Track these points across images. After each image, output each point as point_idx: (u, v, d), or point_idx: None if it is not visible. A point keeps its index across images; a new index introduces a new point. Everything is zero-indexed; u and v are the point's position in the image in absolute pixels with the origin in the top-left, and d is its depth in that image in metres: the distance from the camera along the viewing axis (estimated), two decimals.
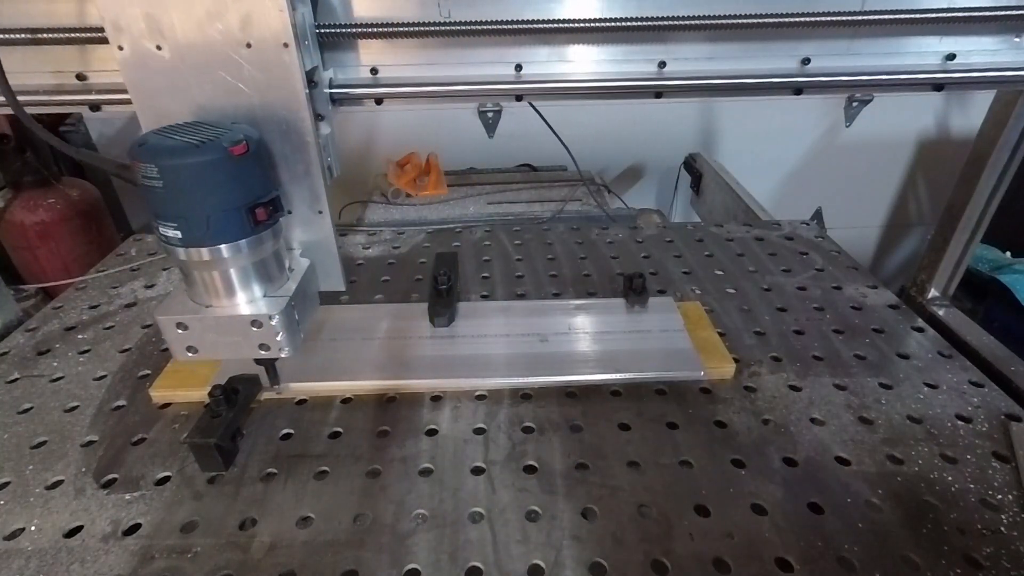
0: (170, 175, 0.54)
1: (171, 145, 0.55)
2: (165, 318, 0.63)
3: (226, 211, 0.58)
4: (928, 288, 1.04)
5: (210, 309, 0.63)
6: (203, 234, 0.57)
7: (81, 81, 0.72)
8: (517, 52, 0.73)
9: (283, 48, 0.60)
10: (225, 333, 0.64)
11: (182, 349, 0.65)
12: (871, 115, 0.80)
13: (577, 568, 0.57)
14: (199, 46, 0.60)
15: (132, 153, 0.55)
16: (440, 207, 1.67)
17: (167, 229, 0.57)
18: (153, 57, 0.60)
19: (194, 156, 0.54)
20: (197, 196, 0.56)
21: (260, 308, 0.63)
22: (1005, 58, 0.74)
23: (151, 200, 0.56)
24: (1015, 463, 0.68)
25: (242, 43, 0.60)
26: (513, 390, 0.80)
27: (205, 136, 0.56)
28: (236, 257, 0.60)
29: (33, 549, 0.59)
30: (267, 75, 0.61)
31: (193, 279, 0.63)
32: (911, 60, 0.75)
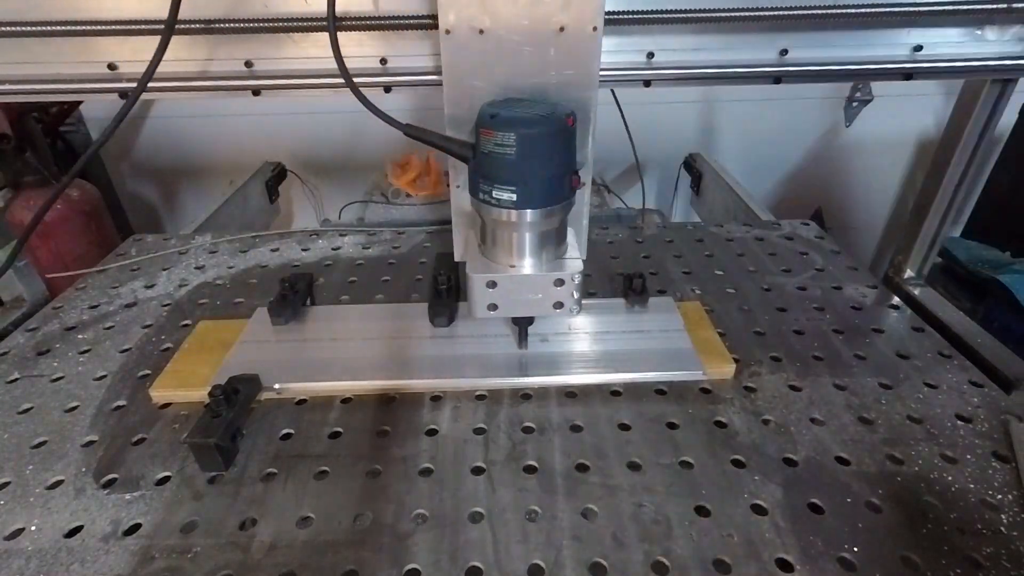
0: (525, 143, 0.61)
1: (524, 116, 0.62)
2: (478, 276, 0.69)
3: (557, 176, 0.65)
4: (904, 268, 1.10)
5: (514, 268, 0.70)
6: (536, 197, 0.65)
7: (112, 71, 0.78)
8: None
9: (592, 32, 0.67)
10: (529, 291, 0.71)
11: (483, 307, 0.72)
12: (871, 115, 0.82)
13: (577, 568, 0.57)
14: (518, 29, 0.67)
15: (485, 124, 0.63)
16: (440, 207, 1.67)
17: (502, 193, 0.64)
18: (474, 39, 0.67)
19: (545, 125, 0.62)
20: (542, 162, 0.64)
21: (565, 267, 0.70)
22: (968, 49, 0.80)
23: (494, 167, 0.64)
24: (1015, 463, 0.68)
25: (556, 27, 0.66)
26: (513, 390, 0.80)
27: (543, 109, 0.64)
28: (552, 219, 0.68)
29: (33, 549, 0.59)
30: (571, 57, 0.68)
31: (502, 241, 0.70)
32: (882, 51, 0.80)
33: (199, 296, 1.03)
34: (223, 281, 1.08)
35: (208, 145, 2.06)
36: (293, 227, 1.35)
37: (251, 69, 0.78)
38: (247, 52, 0.77)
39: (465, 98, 0.70)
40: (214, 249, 1.20)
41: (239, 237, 1.24)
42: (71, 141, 1.98)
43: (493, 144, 0.62)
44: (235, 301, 1.02)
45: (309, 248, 1.20)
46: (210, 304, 1.01)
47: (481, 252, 0.73)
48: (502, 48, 0.67)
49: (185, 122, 2.04)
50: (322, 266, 1.13)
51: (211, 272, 1.11)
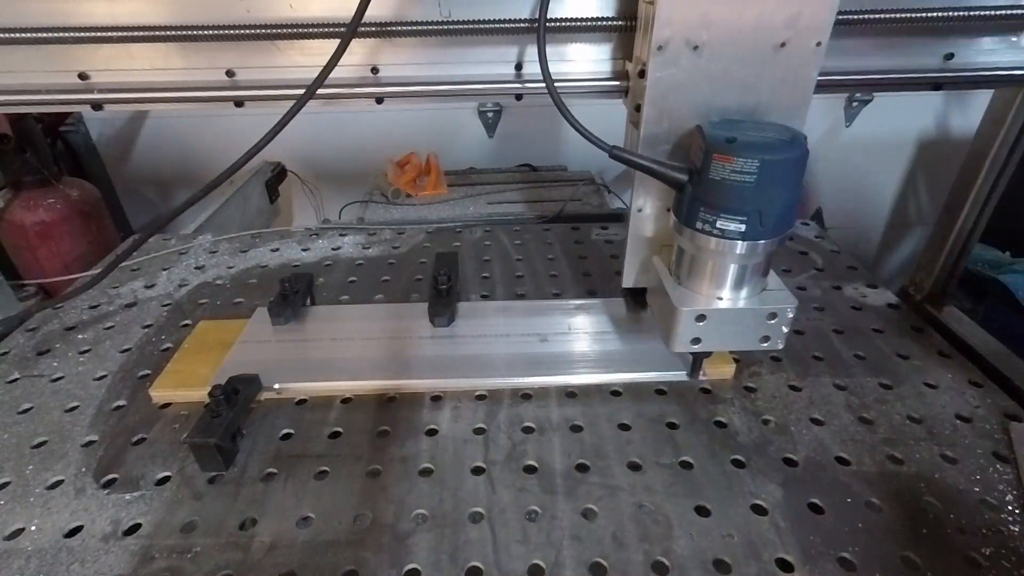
0: (769, 169, 0.56)
1: (767, 141, 0.57)
2: (688, 309, 0.65)
3: (790, 205, 0.60)
4: (926, 287, 1.04)
5: (721, 301, 0.66)
6: (767, 228, 0.60)
7: (83, 80, 0.73)
8: (517, 52, 0.74)
9: (815, 48, 0.61)
10: (738, 325, 0.67)
11: (687, 341, 0.67)
12: (871, 115, 0.80)
13: (577, 568, 0.57)
14: (736, 45, 0.62)
15: (722, 149, 0.57)
16: (440, 207, 1.67)
17: (729, 223, 0.59)
18: (687, 56, 0.62)
19: (790, 152, 0.57)
20: (783, 191, 0.58)
21: (778, 301, 0.66)
22: (1003, 57, 0.75)
23: (726, 195, 0.58)
24: (1015, 463, 0.68)
25: (778, 43, 0.61)
26: (513, 390, 0.80)
27: (780, 133, 0.59)
28: (772, 252, 0.63)
29: (33, 549, 0.59)
30: (786, 74, 0.63)
31: (712, 272, 0.65)
32: (910, 60, 0.75)
33: (199, 296, 1.03)
34: (223, 281, 1.08)
35: (208, 145, 2.05)
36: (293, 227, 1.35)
37: (233, 79, 0.74)
38: (228, 61, 0.73)
39: (665, 117, 0.66)
40: (214, 249, 1.20)
41: (239, 235, 1.24)
42: (71, 141, 1.98)
43: (729, 171, 0.57)
44: (235, 301, 1.02)
45: (309, 248, 1.20)
46: (210, 304, 1.01)
47: (678, 282, 0.68)
48: (713, 65, 0.63)
49: (185, 122, 2.04)
50: (322, 266, 1.13)
51: (211, 272, 1.11)
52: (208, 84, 0.74)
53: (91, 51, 0.71)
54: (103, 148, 2.08)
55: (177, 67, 0.73)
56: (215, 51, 0.72)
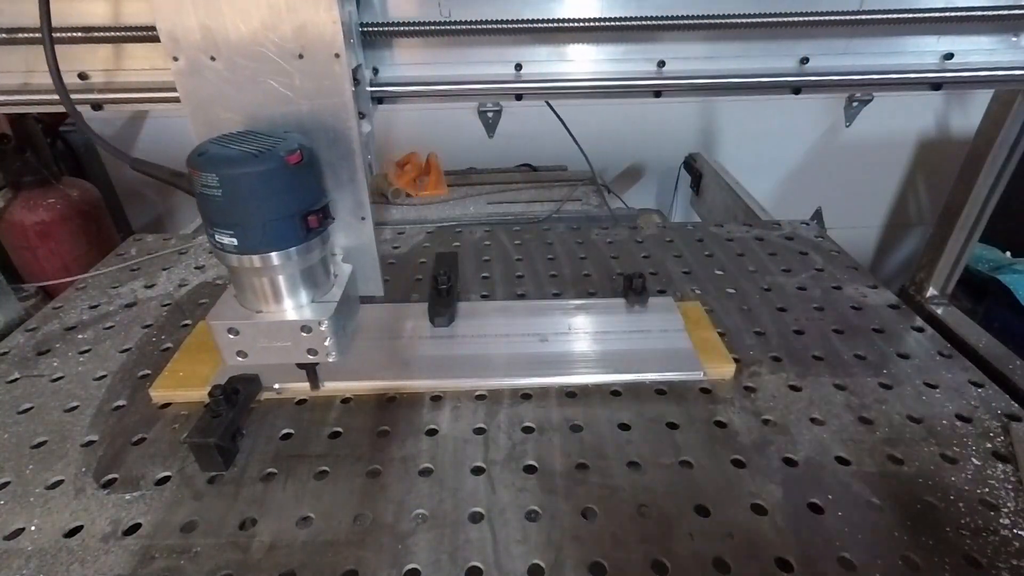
0: (229, 184, 0.55)
1: (230, 155, 0.56)
2: (217, 323, 0.64)
3: (281, 219, 0.59)
4: (927, 287, 1.04)
5: (260, 315, 0.65)
6: (258, 241, 0.59)
7: (83, 80, 0.73)
8: (517, 52, 0.73)
9: (334, 59, 0.61)
10: (275, 338, 0.66)
11: (232, 353, 0.66)
12: (871, 115, 0.80)
13: (577, 568, 0.57)
14: (252, 56, 0.61)
15: (191, 162, 0.57)
16: (440, 207, 1.67)
17: (223, 236, 0.58)
18: (207, 68, 0.61)
19: (252, 165, 0.55)
20: (254, 204, 0.57)
21: (310, 314, 0.65)
22: (1003, 57, 0.74)
23: (208, 208, 0.58)
24: (1015, 463, 0.68)
25: (295, 54, 0.61)
26: (513, 390, 0.80)
27: (262, 145, 0.57)
28: (288, 264, 0.61)
29: (33, 549, 0.59)
30: (317, 84, 0.62)
31: (244, 285, 0.64)
32: (909, 59, 0.75)
33: (199, 296, 1.03)
34: (223, 281, 1.08)
35: None
36: None
37: None
38: None
39: (214, 129, 0.64)
40: None
41: None
42: (71, 141, 1.98)
43: (201, 184, 0.56)
44: None
45: None
46: (210, 304, 1.01)
47: (233, 295, 0.67)
48: (240, 75, 0.61)
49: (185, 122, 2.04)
50: None
51: (211, 272, 1.11)
52: None
53: (91, 51, 0.71)
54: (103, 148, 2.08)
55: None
56: None
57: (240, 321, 0.64)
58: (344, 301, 0.68)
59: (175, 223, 2.28)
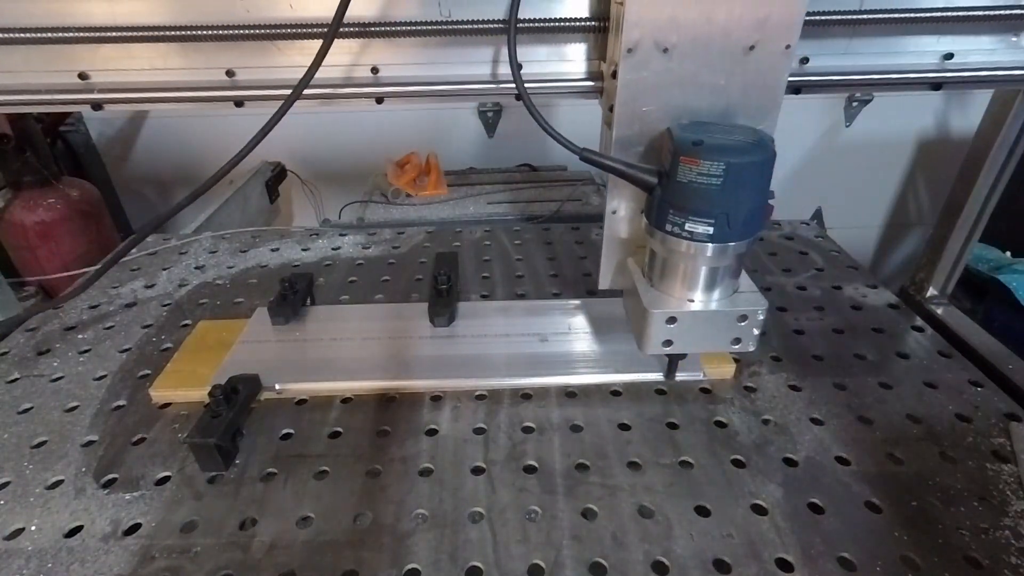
0: (735, 172, 0.56)
1: (734, 144, 0.58)
2: (659, 311, 0.65)
3: (758, 208, 0.60)
4: (927, 287, 1.04)
5: (693, 303, 0.66)
6: (735, 230, 0.60)
7: (83, 80, 0.73)
8: (517, 52, 0.73)
9: (784, 51, 0.61)
10: (709, 327, 0.67)
11: (658, 343, 0.67)
12: (871, 115, 0.80)
13: (577, 568, 0.57)
14: (705, 47, 0.61)
15: (689, 151, 0.57)
16: (440, 207, 1.67)
17: (697, 225, 0.59)
18: (657, 58, 0.62)
19: (756, 155, 0.57)
20: (749, 193, 0.59)
21: (749, 303, 0.66)
22: (1003, 57, 0.74)
23: (692, 197, 0.59)
24: (1015, 463, 0.68)
25: (747, 45, 0.61)
26: (513, 390, 0.80)
27: (746, 136, 0.59)
28: (743, 253, 0.63)
29: (33, 549, 0.59)
30: (755, 77, 0.63)
31: (683, 274, 0.65)
32: (909, 59, 0.75)
33: (199, 296, 1.03)
34: (223, 281, 1.08)
35: (208, 145, 2.06)
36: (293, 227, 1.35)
37: (233, 79, 0.74)
38: (228, 61, 0.73)
39: (636, 119, 0.65)
40: (214, 249, 1.20)
41: (239, 232, 1.24)
42: (71, 141, 1.98)
43: (696, 173, 0.57)
44: (235, 301, 1.02)
45: (309, 248, 1.20)
46: (210, 304, 1.01)
47: (651, 284, 0.68)
48: (684, 68, 0.62)
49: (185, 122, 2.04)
50: (322, 266, 1.13)
51: (211, 272, 1.11)
52: (208, 84, 0.74)
53: (91, 51, 0.71)
54: (103, 148, 2.08)
55: (177, 67, 0.73)
56: (215, 51, 0.72)
57: (679, 310, 0.65)
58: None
59: (175, 223, 2.28)
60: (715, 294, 0.66)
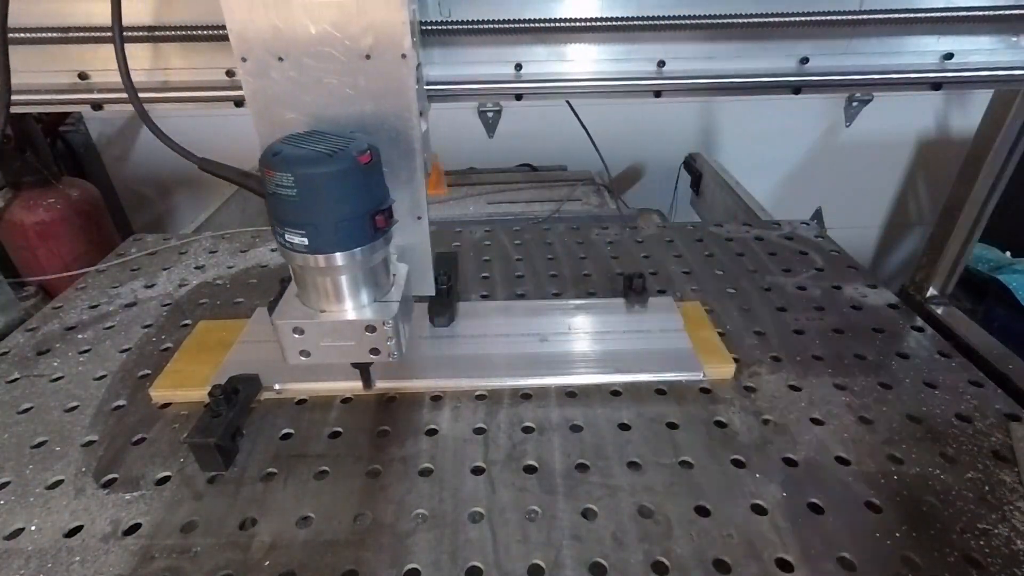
0: (305, 184, 0.55)
1: (305, 155, 0.57)
2: (283, 322, 0.64)
3: (352, 219, 0.59)
4: (927, 287, 1.04)
5: (324, 314, 0.65)
6: (329, 241, 0.59)
7: (83, 80, 0.73)
8: (517, 52, 0.73)
9: (401, 59, 0.61)
10: (339, 338, 0.66)
11: (295, 353, 0.66)
12: (871, 115, 0.80)
13: (577, 568, 0.57)
14: (319, 57, 0.61)
15: (266, 162, 0.57)
16: (440, 207, 1.67)
17: (294, 236, 0.59)
18: (275, 68, 0.61)
19: (327, 165, 0.56)
20: (328, 204, 0.57)
21: (374, 313, 0.65)
22: (1003, 57, 0.75)
23: (280, 208, 0.58)
24: (1015, 463, 0.68)
25: (362, 54, 0.61)
26: (513, 390, 0.79)
27: (333, 146, 0.58)
28: (354, 263, 0.62)
29: (33, 549, 0.59)
30: (382, 85, 0.62)
31: (309, 285, 0.64)
32: (909, 59, 0.75)
33: (199, 296, 1.03)
34: (223, 281, 1.08)
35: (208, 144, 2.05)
36: None
37: (233, 79, 0.74)
38: (228, 61, 0.73)
39: (277, 129, 0.64)
40: (214, 249, 1.20)
41: (239, 232, 1.24)
42: (71, 141, 1.98)
43: (275, 184, 0.56)
44: (235, 301, 1.02)
45: None
46: (210, 304, 1.01)
47: (296, 295, 0.67)
48: (306, 76, 0.62)
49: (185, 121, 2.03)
50: None
51: (211, 272, 1.11)
52: (208, 84, 0.74)
53: (91, 51, 0.71)
54: (103, 148, 2.08)
55: (177, 67, 0.73)
56: (215, 51, 0.72)
57: (305, 321, 0.64)
58: (404, 301, 0.68)
59: (175, 223, 2.28)
60: (350, 304, 0.65)
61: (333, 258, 0.60)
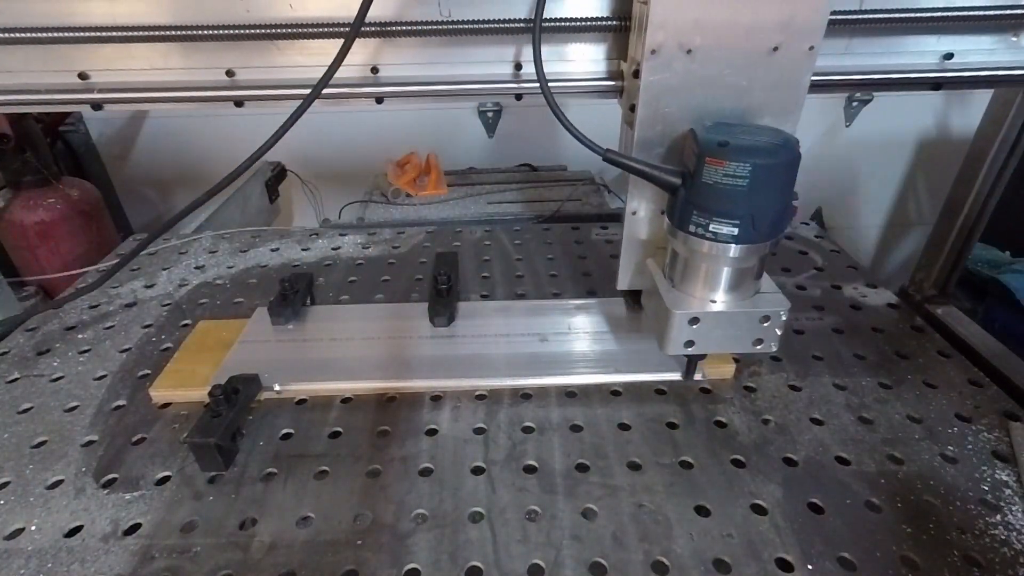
0: (761, 174, 0.56)
1: (760, 145, 0.57)
2: (681, 312, 0.65)
3: (783, 208, 0.60)
4: (927, 287, 1.04)
5: (714, 304, 0.65)
6: (761, 231, 0.60)
7: (83, 80, 0.73)
8: (517, 52, 0.73)
9: (807, 52, 0.61)
10: (732, 328, 0.66)
11: (680, 344, 0.67)
12: (871, 115, 0.80)
13: (577, 568, 0.57)
14: (729, 49, 0.61)
15: (715, 153, 0.57)
16: (440, 207, 1.67)
17: (722, 226, 0.59)
18: (680, 59, 0.62)
19: (782, 156, 0.57)
20: (773, 194, 0.58)
21: (771, 303, 0.66)
22: (1002, 57, 0.75)
23: (718, 198, 0.58)
24: (1015, 463, 0.68)
25: (771, 47, 0.61)
26: (513, 390, 0.79)
27: (772, 137, 0.59)
28: (764, 254, 0.63)
29: (33, 549, 0.59)
30: (778, 78, 0.63)
31: (705, 275, 0.65)
32: (909, 59, 0.75)
33: (199, 296, 1.03)
34: (223, 281, 1.08)
35: (208, 145, 2.05)
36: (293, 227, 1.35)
37: (233, 79, 0.74)
38: (228, 61, 0.73)
39: (659, 120, 0.65)
40: (214, 249, 1.20)
41: (238, 231, 1.24)
42: (71, 141, 1.98)
43: (721, 175, 0.57)
44: (235, 301, 1.02)
45: (309, 248, 1.20)
46: (210, 304, 1.01)
47: (672, 285, 0.68)
48: (707, 69, 0.62)
49: (185, 121, 2.04)
50: (322, 266, 1.13)
51: (211, 272, 1.11)
52: (208, 84, 0.74)
53: (91, 51, 0.71)
54: (103, 148, 2.08)
55: (177, 67, 0.73)
56: (215, 51, 0.72)
57: (702, 311, 0.65)
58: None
59: None
60: (737, 295, 0.66)
61: (757, 248, 0.61)
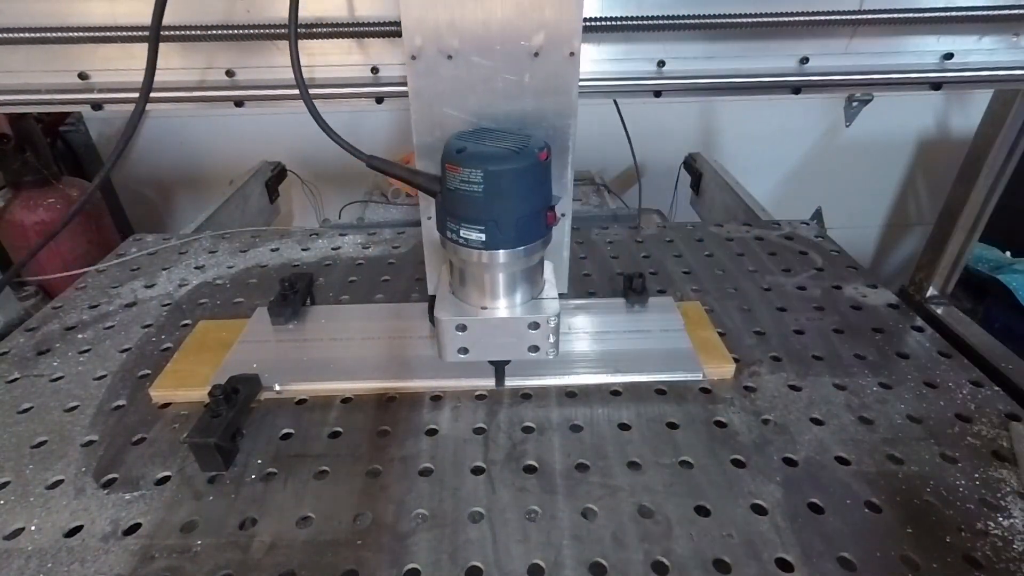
0: (493, 180, 0.56)
1: (492, 152, 0.57)
2: (447, 319, 0.65)
3: (530, 215, 0.60)
4: (927, 287, 1.04)
5: (485, 311, 0.65)
6: (508, 237, 0.60)
7: (83, 80, 0.73)
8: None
9: (569, 58, 0.62)
10: (501, 335, 0.66)
11: (454, 351, 0.67)
12: (871, 115, 0.80)
13: (577, 568, 0.57)
14: (489, 54, 0.61)
15: (451, 159, 0.57)
16: None
17: (471, 232, 0.59)
18: (443, 65, 0.62)
19: (515, 162, 0.56)
20: (513, 201, 0.58)
21: (536, 310, 0.65)
22: (1003, 57, 0.75)
23: (461, 205, 0.58)
24: (1015, 463, 0.68)
25: (531, 52, 0.61)
26: (513, 390, 0.79)
27: (515, 143, 0.58)
28: (525, 259, 0.62)
29: (33, 549, 0.59)
30: (547, 83, 0.63)
31: (473, 281, 0.65)
32: (909, 59, 0.75)
33: (199, 296, 1.03)
34: (223, 281, 1.08)
35: (208, 145, 2.05)
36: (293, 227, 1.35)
37: (233, 79, 0.74)
38: (228, 61, 0.73)
39: (436, 126, 0.65)
40: (214, 249, 1.20)
41: (238, 231, 1.24)
42: (71, 141, 1.98)
43: (459, 181, 0.57)
44: (235, 301, 1.02)
45: (309, 248, 1.20)
46: (210, 304, 1.01)
47: (451, 291, 0.68)
48: (473, 74, 0.62)
49: (185, 122, 2.04)
50: (322, 266, 1.13)
51: (211, 272, 1.11)
52: (208, 84, 0.74)
53: (91, 51, 0.71)
54: (103, 148, 2.08)
55: (177, 67, 0.73)
56: (215, 51, 0.72)
57: (469, 318, 0.65)
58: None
59: (175, 223, 2.28)
60: (509, 301, 0.66)
61: (508, 254, 0.61)
